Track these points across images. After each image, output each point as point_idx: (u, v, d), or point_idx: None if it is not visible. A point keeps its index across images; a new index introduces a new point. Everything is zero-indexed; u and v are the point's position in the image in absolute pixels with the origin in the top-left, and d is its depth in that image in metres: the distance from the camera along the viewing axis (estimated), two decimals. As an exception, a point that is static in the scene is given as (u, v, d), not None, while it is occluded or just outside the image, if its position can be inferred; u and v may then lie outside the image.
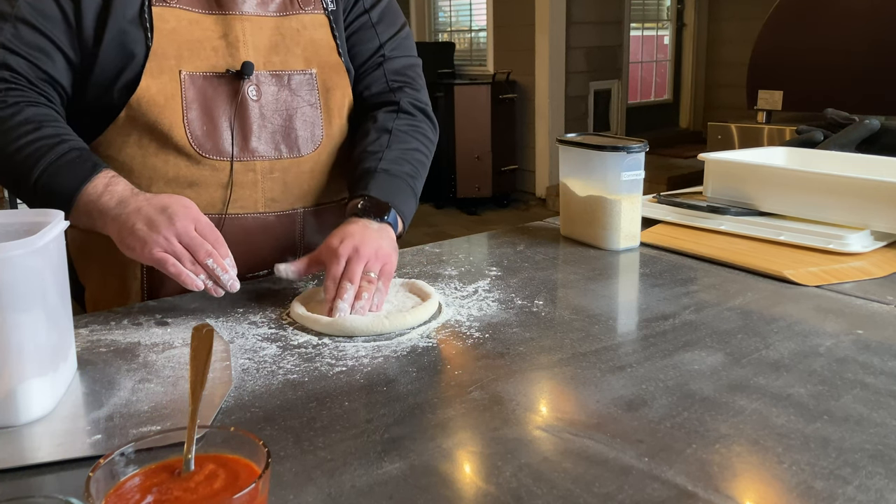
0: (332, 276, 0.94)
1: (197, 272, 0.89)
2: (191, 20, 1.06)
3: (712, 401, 0.70)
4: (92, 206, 0.93)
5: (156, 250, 0.88)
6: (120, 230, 0.91)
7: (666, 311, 0.94)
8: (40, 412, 0.69)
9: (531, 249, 1.23)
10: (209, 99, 1.06)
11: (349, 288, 0.92)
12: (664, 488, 0.56)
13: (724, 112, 6.02)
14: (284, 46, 1.12)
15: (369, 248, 0.95)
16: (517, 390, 0.73)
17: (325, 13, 1.17)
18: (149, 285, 1.09)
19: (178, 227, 0.89)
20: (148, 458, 0.51)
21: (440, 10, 6.90)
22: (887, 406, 0.69)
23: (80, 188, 0.94)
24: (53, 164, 0.94)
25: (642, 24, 6.66)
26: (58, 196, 0.94)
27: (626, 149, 1.17)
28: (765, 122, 3.27)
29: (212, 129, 1.06)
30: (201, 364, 0.65)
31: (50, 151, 0.95)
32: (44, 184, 0.94)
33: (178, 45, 1.04)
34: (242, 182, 1.09)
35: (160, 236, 0.88)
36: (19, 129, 0.95)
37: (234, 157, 1.07)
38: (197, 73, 1.05)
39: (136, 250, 0.89)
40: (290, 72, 1.12)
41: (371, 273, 0.94)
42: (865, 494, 0.55)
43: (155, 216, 0.89)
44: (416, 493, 0.57)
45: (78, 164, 0.95)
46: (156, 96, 1.02)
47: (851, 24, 2.97)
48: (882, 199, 1.15)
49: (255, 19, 1.10)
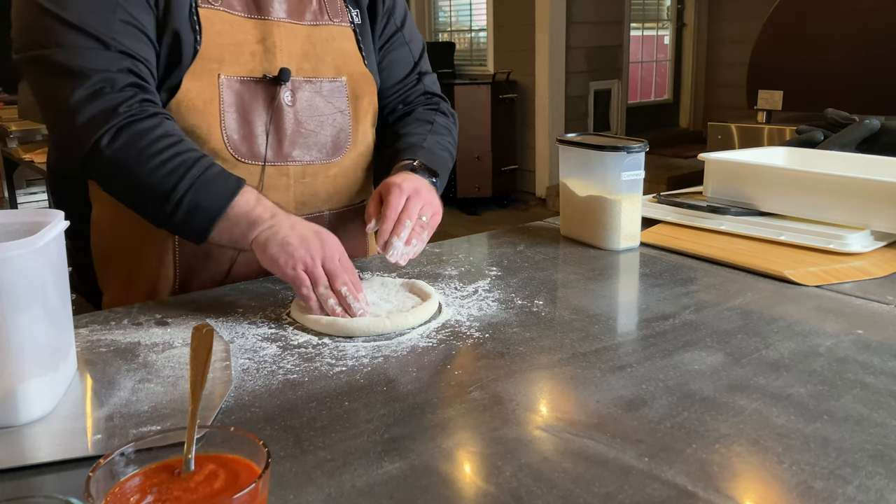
0: (393, 209, 0.99)
1: (327, 297, 0.90)
2: (232, 23, 1.06)
3: (712, 401, 0.70)
4: (244, 217, 0.94)
5: (298, 267, 0.90)
6: (269, 240, 0.92)
7: (666, 311, 0.94)
8: (40, 412, 0.69)
9: (531, 249, 1.23)
10: (246, 103, 1.06)
11: (407, 226, 0.98)
12: (664, 488, 0.56)
13: (724, 112, 6.02)
14: (315, 55, 1.14)
15: (426, 194, 1.03)
16: (517, 390, 0.73)
17: (352, 27, 1.20)
18: (181, 289, 1.10)
19: (326, 252, 0.92)
20: (148, 458, 0.51)
21: (440, 10, 6.90)
22: (887, 406, 0.69)
23: (233, 199, 0.94)
24: (201, 178, 0.94)
25: (642, 24, 6.66)
26: (205, 209, 0.93)
27: (626, 149, 1.17)
28: (765, 122, 3.27)
29: (248, 133, 1.07)
30: (201, 364, 0.65)
31: (195, 165, 0.95)
32: (190, 197, 0.93)
33: (220, 48, 1.04)
34: (276, 186, 1.11)
35: (307, 255, 0.91)
36: (161, 141, 0.94)
37: (269, 161, 1.09)
38: (234, 77, 1.05)
39: (279, 262, 0.91)
40: (323, 79, 1.14)
41: (423, 218, 1.01)
42: (865, 494, 0.55)
43: (309, 236, 0.93)
44: (416, 493, 0.57)
45: (224, 178, 0.96)
46: (195, 100, 1.02)
47: (851, 24, 2.97)
48: (882, 199, 1.15)
49: (290, 26, 1.11)
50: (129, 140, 0.93)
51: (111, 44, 0.95)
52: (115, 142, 0.93)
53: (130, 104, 0.94)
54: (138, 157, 0.93)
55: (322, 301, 0.90)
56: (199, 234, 0.95)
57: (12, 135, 3.59)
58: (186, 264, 1.08)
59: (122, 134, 0.93)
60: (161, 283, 1.09)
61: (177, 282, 1.09)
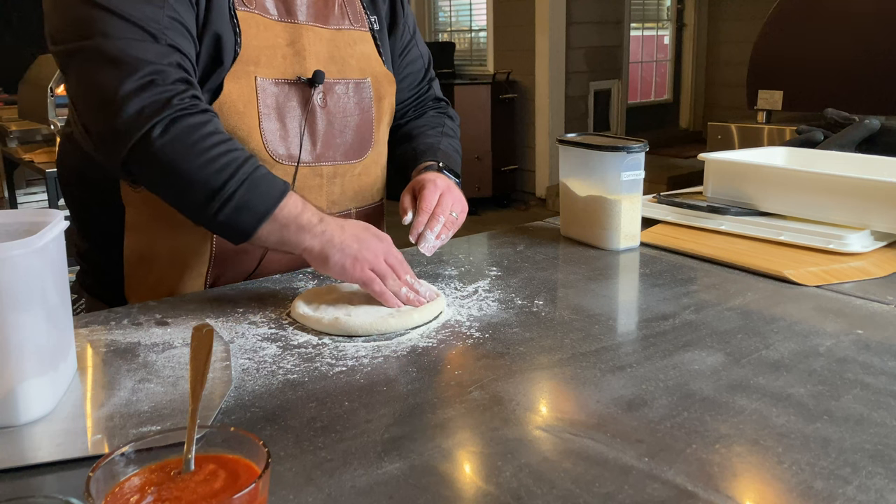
0: (428, 203, 1.05)
1: (398, 287, 0.94)
2: (266, 26, 1.07)
3: (712, 401, 0.70)
4: (292, 221, 0.94)
5: (365, 267, 0.93)
6: (326, 248, 0.93)
7: (666, 311, 0.94)
8: (40, 412, 0.69)
9: (531, 249, 1.23)
10: (281, 105, 1.07)
11: (441, 221, 1.04)
12: (664, 488, 0.56)
13: (724, 112, 6.03)
14: (340, 57, 1.15)
15: (457, 192, 1.10)
16: (517, 390, 0.73)
17: (371, 32, 1.22)
18: (211, 286, 1.09)
19: (383, 246, 0.96)
20: (148, 458, 0.51)
21: (440, 10, 6.90)
22: (887, 406, 0.69)
23: (281, 201, 0.94)
24: (251, 177, 0.93)
25: (642, 24, 6.66)
26: (253, 209, 0.93)
27: (626, 149, 1.17)
28: (765, 122, 3.27)
29: (284, 134, 1.08)
30: (201, 364, 0.65)
31: (245, 164, 0.94)
32: (241, 195, 0.92)
33: (257, 50, 1.05)
34: (310, 186, 1.12)
35: (370, 253, 0.94)
36: (212, 137, 0.93)
37: (303, 161, 1.10)
38: (270, 79, 1.06)
39: (347, 267, 0.93)
40: (351, 80, 1.16)
41: (454, 214, 1.07)
42: (865, 494, 0.55)
43: (363, 235, 0.96)
44: (416, 493, 0.57)
45: (272, 179, 0.95)
46: (236, 102, 1.03)
47: (851, 24, 2.97)
48: (882, 199, 1.15)
49: (316, 29, 1.12)
50: (180, 133, 0.92)
51: (161, 37, 0.94)
52: (167, 134, 0.91)
53: (182, 97, 0.93)
54: (190, 151, 0.92)
55: (395, 292, 0.93)
56: (243, 233, 0.94)
57: (12, 135, 3.59)
58: (221, 260, 1.09)
59: (173, 126, 0.92)
60: (192, 280, 1.09)
61: (209, 277, 1.09)
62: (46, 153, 3.31)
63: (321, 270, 0.95)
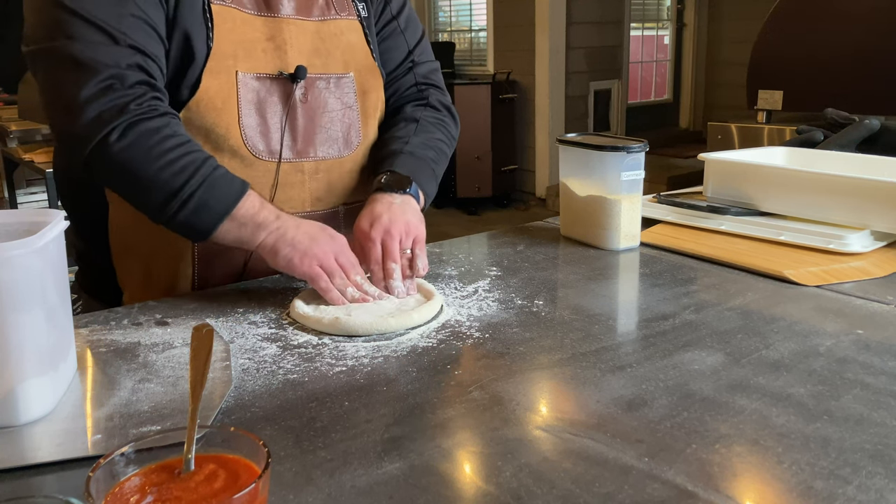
0: (374, 260, 1.01)
1: (345, 286, 0.96)
2: (243, 20, 1.06)
3: (712, 401, 0.70)
4: (250, 219, 0.96)
5: (313, 263, 0.95)
6: (278, 242, 0.96)
7: (666, 311, 0.94)
8: (40, 412, 0.69)
9: (531, 249, 1.23)
10: (261, 101, 1.07)
11: (395, 267, 1.00)
12: (664, 488, 0.56)
13: (724, 112, 6.01)
14: (325, 50, 1.14)
15: (399, 226, 1.02)
16: (517, 390, 0.73)
17: (359, 19, 1.20)
18: (199, 284, 1.10)
19: (336, 245, 0.97)
20: (148, 458, 0.51)
21: (440, 10, 6.90)
22: (887, 406, 0.69)
23: (240, 200, 0.96)
24: (210, 178, 0.95)
25: (642, 24, 6.66)
26: (213, 208, 0.95)
27: (626, 149, 1.17)
28: (765, 122, 3.27)
29: (265, 130, 1.08)
30: (201, 364, 0.65)
31: (203, 165, 0.96)
32: (199, 196, 0.94)
33: (234, 45, 1.05)
34: (291, 182, 1.11)
35: (321, 250, 0.96)
36: (169, 140, 0.95)
37: (284, 158, 1.10)
38: (251, 74, 1.06)
39: (294, 261, 0.95)
40: (332, 75, 1.15)
41: (407, 250, 1.03)
42: (865, 494, 0.55)
43: (316, 233, 0.97)
44: (416, 493, 0.57)
45: (230, 179, 0.97)
46: (213, 98, 1.03)
47: (851, 24, 2.97)
48: (882, 199, 1.15)
49: (299, 23, 1.12)
50: (137, 138, 0.93)
51: (120, 38, 0.95)
52: (124, 139, 0.93)
53: (140, 102, 0.95)
54: (147, 155, 0.94)
55: (341, 291, 0.94)
56: (201, 232, 0.96)
57: (12, 135, 3.59)
58: (205, 260, 1.09)
59: (130, 132, 0.93)
60: (180, 279, 1.09)
61: (195, 277, 1.09)
62: (46, 153, 3.30)
63: (272, 265, 0.97)
